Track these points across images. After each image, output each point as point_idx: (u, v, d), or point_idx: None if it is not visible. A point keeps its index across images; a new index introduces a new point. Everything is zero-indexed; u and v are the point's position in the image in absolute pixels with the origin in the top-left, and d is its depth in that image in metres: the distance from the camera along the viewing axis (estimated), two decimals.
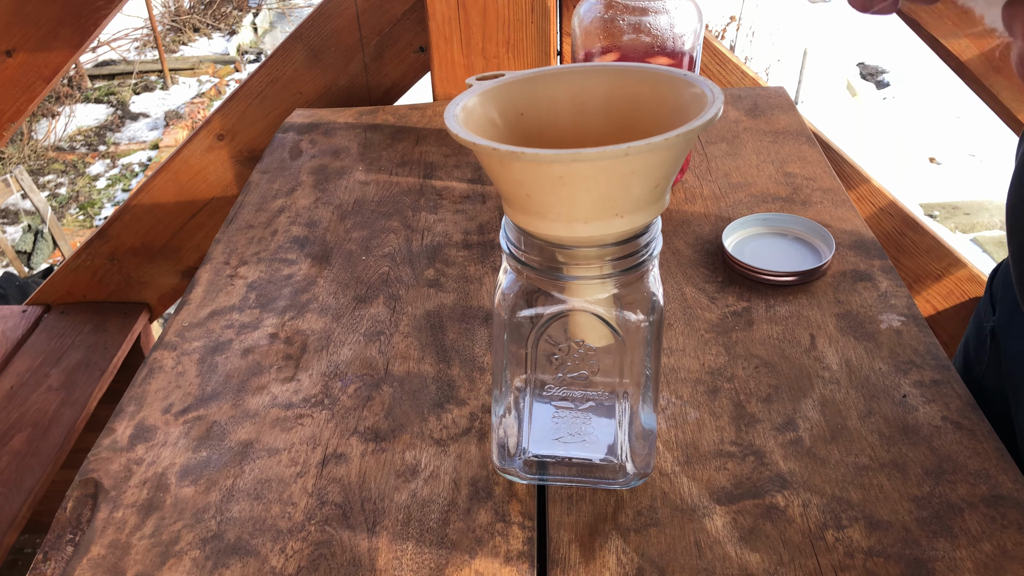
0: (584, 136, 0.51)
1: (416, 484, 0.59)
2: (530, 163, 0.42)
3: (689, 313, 0.73)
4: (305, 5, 5.60)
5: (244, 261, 0.84)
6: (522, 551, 0.54)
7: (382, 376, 0.68)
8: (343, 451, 0.62)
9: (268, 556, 0.54)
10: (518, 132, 0.50)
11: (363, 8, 1.23)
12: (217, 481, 0.60)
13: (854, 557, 0.52)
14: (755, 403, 0.64)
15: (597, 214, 0.44)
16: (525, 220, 0.46)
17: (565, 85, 0.50)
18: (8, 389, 1.36)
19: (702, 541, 0.53)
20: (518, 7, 1.11)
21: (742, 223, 0.82)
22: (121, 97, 4.59)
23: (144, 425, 0.65)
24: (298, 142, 1.07)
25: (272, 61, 1.30)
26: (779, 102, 1.08)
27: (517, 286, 0.50)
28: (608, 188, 0.43)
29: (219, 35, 5.32)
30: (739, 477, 0.58)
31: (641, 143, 0.41)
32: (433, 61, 1.16)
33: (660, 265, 0.51)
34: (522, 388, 0.55)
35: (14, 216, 3.52)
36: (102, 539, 0.56)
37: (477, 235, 0.86)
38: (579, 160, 0.41)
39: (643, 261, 0.47)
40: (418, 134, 1.07)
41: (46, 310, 1.54)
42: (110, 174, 3.96)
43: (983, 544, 0.52)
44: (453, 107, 0.47)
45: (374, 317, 0.75)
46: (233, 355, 0.71)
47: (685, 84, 0.47)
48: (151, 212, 1.44)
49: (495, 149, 0.42)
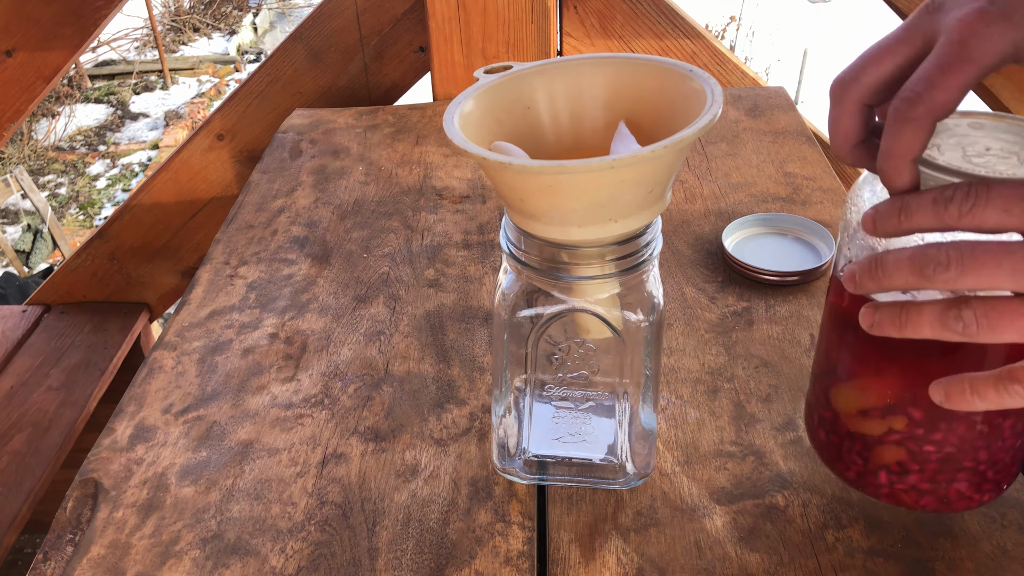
0: (589, 128, 0.51)
1: (416, 484, 0.59)
2: (519, 173, 0.42)
3: (689, 313, 0.73)
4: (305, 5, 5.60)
5: (244, 261, 0.84)
6: (522, 551, 0.54)
7: (382, 376, 0.68)
8: (343, 451, 0.62)
9: (268, 556, 0.54)
10: (525, 126, 0.50)
11: (363, 8, 1.23)
12: (217, 481, 0.60)
13: (854, 557, 0.52)
14: (755, 403, 0.64)
15: (590, 219, 0.44)
16: (522, 222, 0.46)
17: (568, 76, 0.50)
18: (8, 389, 1.36)
19: (702, 541, 0.54)
20: (518, 7, 1.11)
21: (742, 223, 0.82)
22: (121, 97, 4.59)
23: (144, 425, 0.65)
24: (298, 142, 1.07)
25: (272, 61, 1.30)
26: (779, 102, 1.09)
27: (517, 286, 0.50)
28: (598, 196, 0.43)
29: (219, 35, 5.32)
30: (739, 477, 0.58)
31: (627, 155, 0.41)
32: (433, 61, 1.16)
33: (660, 265, 0.51)
34: (522, 388, 0.55)
35: (14, 216, 3.52)
36: (102, 539, 0.56)
37: (477, 235, 0.86)
38: (564, 172, 0.41)
39: (643, 261, 0.47)
40: (418, 134, 1.07)
41: (46, 310, 1.53)
42: (110, 174, 3.96)
43: (983, 544, 0.52)
44: (452, 109, 0.47)
45: (374, 317, 0.75)
46: (233, 355, 0.71)
47: (686, 78, 0.47)
48: (151, 212, 1.44)
49: (484, 158, 0.42)
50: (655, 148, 0.41)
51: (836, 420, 0.50)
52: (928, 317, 0.38)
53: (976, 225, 0.36)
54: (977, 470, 0.48)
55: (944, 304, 0.37)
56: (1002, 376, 0.37)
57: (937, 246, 0.36)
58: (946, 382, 0.40)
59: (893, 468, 0.48)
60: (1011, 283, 0.35)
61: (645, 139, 0.48)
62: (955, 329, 0.37)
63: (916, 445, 0.47)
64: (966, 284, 0.36)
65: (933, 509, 0.49)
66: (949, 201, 0.36)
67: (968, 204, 0.35)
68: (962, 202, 0.36)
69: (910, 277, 0.37)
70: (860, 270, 0.39)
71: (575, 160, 0.41)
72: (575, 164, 0.41)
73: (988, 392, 0.38)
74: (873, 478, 0.49)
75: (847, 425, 0.50)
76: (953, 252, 0.36)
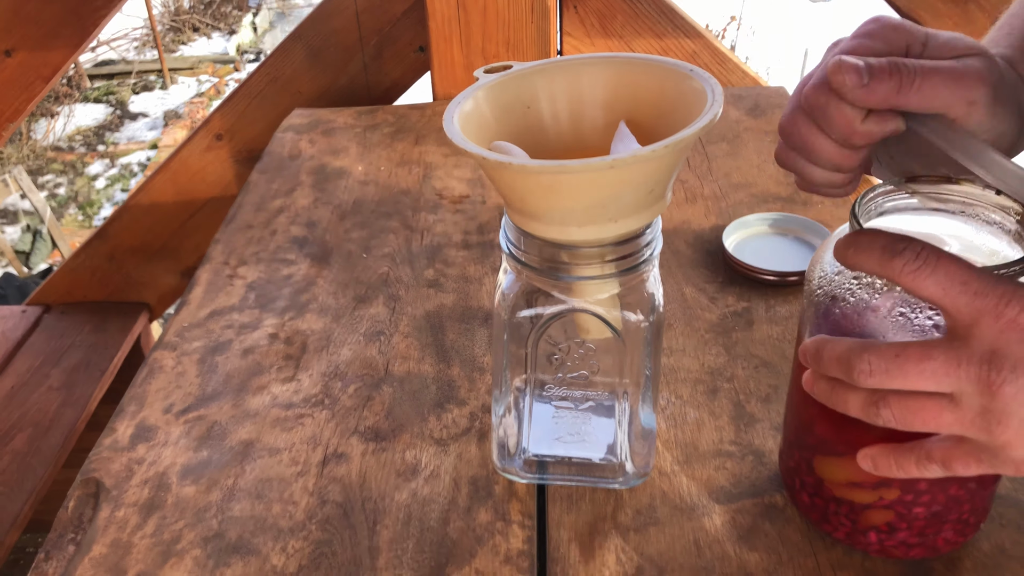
0: (589, 128, 0.51)
1: (416, 483, 0.59)
2: (519, 173, 0.42)
3: (689, 313, 0.73)
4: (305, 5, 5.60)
5: (243, 261, 0.84)
6: (522, 550, 0.54)
7: (382, 376, 0.68)
8: (343, 451, 0.62)
9: (269, 555, 0.54)
10: (524, 126, 0.50)
11: (363, 8, 1.23)
12: (218, 480, 0.60)
13: (853, 556, 0.52)
14: (754, 403, 0.64)
15: (590, 219, 0.44)
16: (522, 221, 0.46)
17: (568, 76, 0.50)
18: (9, 389, 1.36)
19: (701, 540, 0.54)
20: (518, 7, 1.11)
21: (742, 223, 0.82)
22: (120, 97, 4.59)
23: (145, 425, 0.65)
24: (297, 142, 1.07)
25: (272, 61, 1.30)
26: (780, 102, 1.09)
27: (517, 286, 0.50)
28: (598, 196, 0.43)
29: (219, 35, 5.32)
30: (738, 476, 0.58)
31: (627, 155, 0.41)
32: (433, 61, 1.16)
33: (660, 265, 0.51)
34: (522, 388, 0.55)
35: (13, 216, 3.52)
36: (104, 538, 0.56)
37: (477, 235, 0.86)
38: (564, 172, 0.41)
39: (643, 261, 0.47)
40: (418, 134, 1.07)
41: (46, 310, 1.54)
42: (109, 174, 3.96)
43: (982, 544, 0.52)
44: (452, 109, 0.47)
45: (374, 317, 0.75)
46: (233, 355, 0.71)
47: (687, 78, 0.47)
48: (150, 212, 1.44)
49: (484, 158, 0.42)
50: (655, 148, 0.41)
51: (820, 486, 0.51)
52: (853, 403, 0.41)
53: (912, 289, 0.38)
54: (961, 519, 0.49)
55: (866, 397, 0.41)
56: (920, 456, 0.41)
57: (860, 354, 0.39)
58: (874, 454, 0.43)
59: (882, 528, 0.49)
60: (933, 386, 0.38)
61: (645, 139, 0.48)
62: (874, 420, 0.40)
63: (905, 508, 0.48)
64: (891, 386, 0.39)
65: (922, 557, 0.51)
66: (897, 255, 0.38)
67: (912, 267, 0.37)
68: (908, 261, 0.38)
69: (840, 375, 0.41)
70: (804, 353, 0.43)
71: (575, 160, 0.41)
72: (575, 164, 0.41)
73: (909, 466, 0.42)
74: (862, 537, 0.50)
75: (833, 491, 0.50)
76: (876, 361, 0.39)
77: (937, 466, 0.41)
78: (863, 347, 0.39)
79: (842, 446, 0.48)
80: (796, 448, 0.52)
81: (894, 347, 0.39)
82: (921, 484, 0.47)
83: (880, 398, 0.40)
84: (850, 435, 0.47)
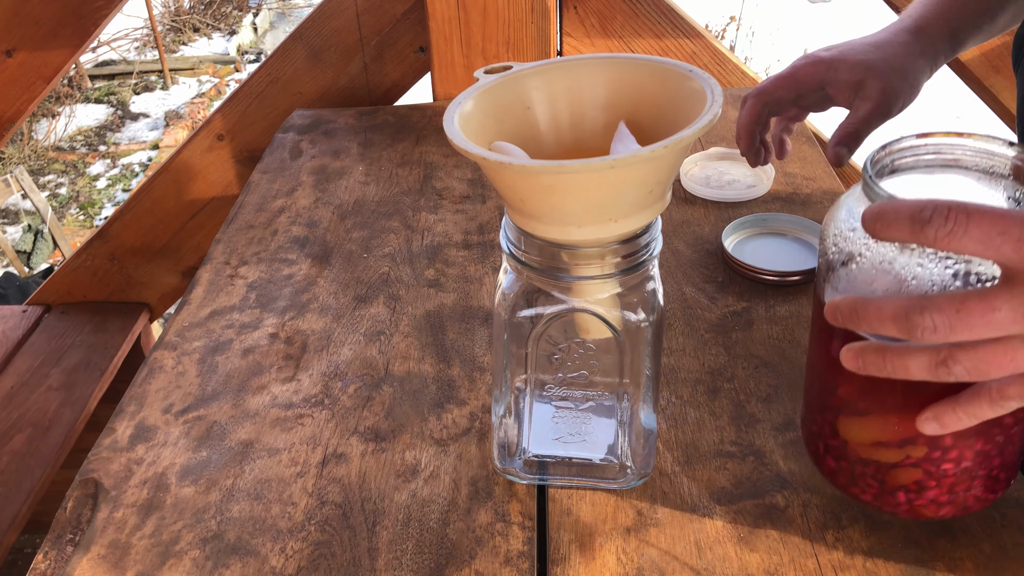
0: (589, 128, 0.51)
1: (416, 484, 0.59)
2: (519, 173, 0.42)
3: (689, 313, 0.73)
4: (305, 5, 5.60)
5: (244, 261, 0.84)
6: (522, 551, 0.54)
7: (382, 376, 0.68)
8: (343, 451, 0.62)
9: (268, 556, 0.54)
10: (525, 126, 0.50)
11: (363, 8, 1.23)
12: (217, 481, 0.60)
13: (854, 557, 0.52)
14: (755, 403, 0.64)
15: (590, 219, 0.44)
16: (522, 222, 0.46)
17: (568, 76, 0.50)
18: (8, 389, 1.36)
19: (702, 541, 0.54)
20: (518, 7, 1.11)
21: (742, 223, 0.82)
22: (121, 97, 4.59)
23: (144, 425, 0.65)
24: (298, 142, 1.07)
25: (272, 61, 1.30)
26: None
27: (517, 286, 0.50)
28: (598, 196, 0.43)
29: (219, 35, 5.32)
30: (739, 477, 0.58)
31: (627, 155, 0.41)
32: (433, 61, 1.16)
33: (660, 265, 0.51)
34: (522, 388, 0.55)
35: (14, 216, 3.52)
36: (102, 539, 0.56)
37: (477, 235, 0.86)
38: (564, 172, 0.41)
39: (643, 261, 0.47)
40: (418, 134, 1.07)
41: (46, 310, 1.53)
42: (110, 174, 3.96)
43: (983, 544, 0.52)
44: (452, 109, 0.47)
45: (374, 317, 0.75)
46: (233, 355, 0.71)
47: (686, 78, 0.47)
48: (151, 212, 1.44)
49: (484, 158, 0.42)
50: (655, 148, 0.41)
51: (846, 448, 0.50)
52: (916, 366, 0.40)
53: (953, 250, 0.37)
54: (991, 475, 0.48)
55: (930, 358, 0.39)
56: (993, 396, 0.40)
57: (920, 312, 0.38)
58: (935, 413, 0.42)
59: (911, 487, 0.48)
60: (1000, 334, 0.37)
61: (645, 139, 0.48)
62: (945, 378, 0.39)
63: (934, 466, 0.47)
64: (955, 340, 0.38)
65: (952, 515, 0.50)
66: (927, 223, 0.37)
67: (945, 230, 0.37)
68: (940, 227, 0.37)
69: (897, 334, 0.39)
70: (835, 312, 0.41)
71: (575, 160, 0.41)
72: (575, 164, 0.41)
73: (984, 411, 0.40)
74: (891, 497, 0.49)
75: (859, 453, 0.49)
76: (939, 317, 0.37)
77: (1015, 401, 0.39)
78: (921, 304, 0.38)
79: (865, 404, 0.47)
80: (818, 412, 0.51)
81: (952, 301, 0.38)
82: (947, 439, 0.46)
83: (948, 356, 0.38)
84: (874, 394, 0.46)
